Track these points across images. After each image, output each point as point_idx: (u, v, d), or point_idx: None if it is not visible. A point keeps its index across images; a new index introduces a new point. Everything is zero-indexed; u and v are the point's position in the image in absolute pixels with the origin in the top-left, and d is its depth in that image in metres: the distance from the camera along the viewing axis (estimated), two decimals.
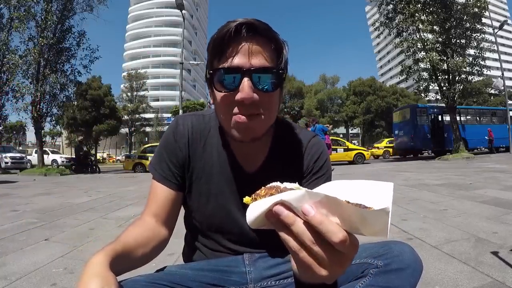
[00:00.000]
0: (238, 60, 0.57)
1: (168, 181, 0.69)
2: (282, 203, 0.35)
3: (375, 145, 21.54)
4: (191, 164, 0.71)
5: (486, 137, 14.14)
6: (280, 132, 0.73)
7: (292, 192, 0.34)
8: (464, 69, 12.38)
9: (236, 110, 0.59)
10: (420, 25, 12.78)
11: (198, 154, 0.71)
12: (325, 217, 0.33)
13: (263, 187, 0.39)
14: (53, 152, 22.69)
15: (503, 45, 56.11)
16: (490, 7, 13.73)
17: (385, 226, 0.31)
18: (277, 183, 0.38)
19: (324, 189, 0.38)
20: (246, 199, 0.39)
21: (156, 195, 0.69)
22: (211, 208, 0.71)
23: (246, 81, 0.57)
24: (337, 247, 0.33)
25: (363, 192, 0.35)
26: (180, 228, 0.77)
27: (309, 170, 0.72)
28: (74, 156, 13.76)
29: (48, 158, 18.26)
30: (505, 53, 55.82)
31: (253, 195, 0.38)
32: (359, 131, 42.24)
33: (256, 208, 0.36)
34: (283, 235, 0.36)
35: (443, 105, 13.51)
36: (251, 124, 0.59)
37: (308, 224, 0.33)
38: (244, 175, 0.71)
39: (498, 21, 18.08)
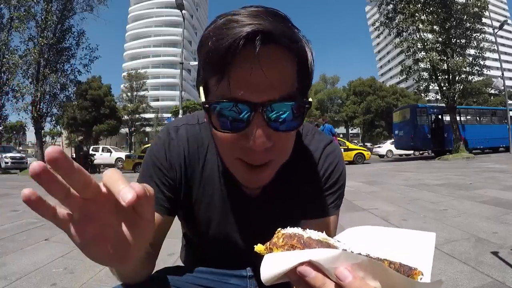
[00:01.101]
0: (246, 87, 0.41)
1: (159, 205, 0.56)
2: (310, 263, 0.28)
3: None
4: (187, 188, 0.60)
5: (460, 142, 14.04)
6: None
7: (325, 251, 0.28)
8: (464, 69, 12.38)
9: (242, 154, 0.46)
10: (420, 25, 12.79)
11: (197, 176, 0.59)
12: (363, 284, 0.27)
13: (280, 233, 0.32)
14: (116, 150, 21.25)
15: (503, 45, 56.09)
16: (490, 7, 13.74)
17: None
18: (298, 230, 0.31)
19: (352, 237, 0.33)
20: (259, 248, 0.32)
21: None
22: (211, 234, 0.63)
23: (258, 122, 0.42)
24: None
25: (400, 244, 0.31)
26: (178, 228, 0.75)
27: (322, 185, 0.60)
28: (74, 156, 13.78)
29: (111, 157, 18.28)
30: (505, 53, 55.78)
31: (268, 243, 0.31)
32: (359, 131, 42.22)
33: (274, 264, 0.29)
34: None
35: (443, 105, 13.51)
36: (260, 176, 0.48)
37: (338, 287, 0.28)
38: (245, 199, 0.61)
39: (498, 21, 18.08)
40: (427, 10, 12.65)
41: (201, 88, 0.47)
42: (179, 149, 0.58)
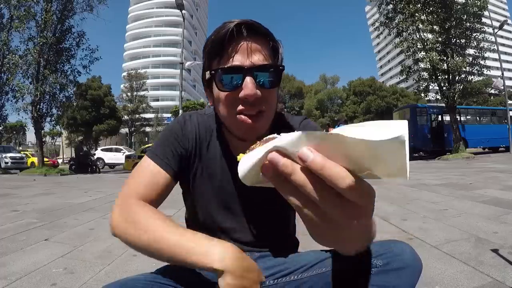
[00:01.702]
0: (239, 59, 0.59)
1: (170, 167, 0.67)
2: (278, 150, 0.28)
3: None
4: (196, 162, 0.72)
5: None
6: (274, 123, 0.72)
7: (287, 135, 0.28)
8: (464, 69, 12.35)
9: (240, 107, 0.60)
10: (420, 25, 12.77)
11: (204, 153, 0.72)
12: (327, 160, 0.26)
13: (258, 141, 0.33)
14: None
15: (503, 45, 56.05)
16: (490, 7, 13.72)
17: (403, 162, 0.24)
18: (274, 135, 0.32)
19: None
20: (240, 157, 0.33)
21: (152, 181, 0.66)
22: (213, 206, 0.72)
23: (248, 79, 0.58)
24: (347, 195, 0.27)
25: (372, 130, 0.27)
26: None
27: None
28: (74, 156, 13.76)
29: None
30: (505, 53, 55.72)
31: (248, 150, 0.33)
32: None
33: (248, 160, 0.31)
34: (284, 191, 0.29)
35: (443, 105, 13.49)
36: (255, 124, 0.61)
37: (310, 173, 0.27)
38: None
39: (498, 21, 18.03)
40: (427, 10, 12.62)
41: (207, 73, 0.63)
42: (192, 128, 0.72)
